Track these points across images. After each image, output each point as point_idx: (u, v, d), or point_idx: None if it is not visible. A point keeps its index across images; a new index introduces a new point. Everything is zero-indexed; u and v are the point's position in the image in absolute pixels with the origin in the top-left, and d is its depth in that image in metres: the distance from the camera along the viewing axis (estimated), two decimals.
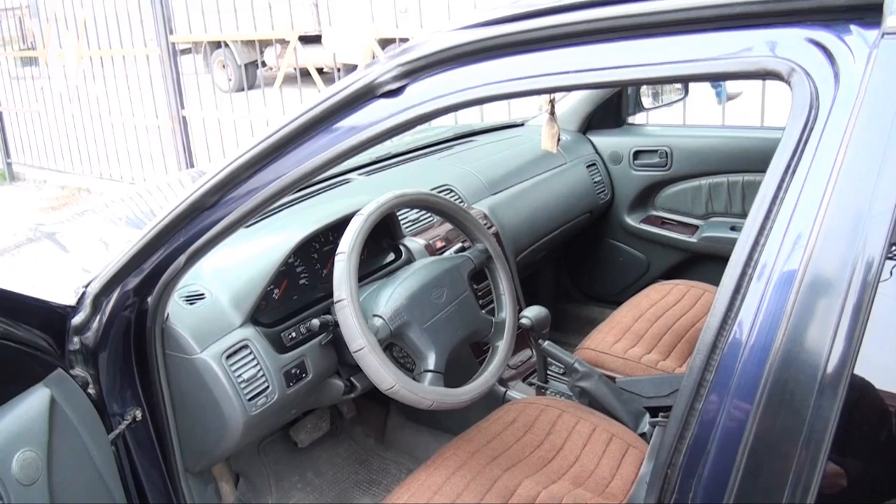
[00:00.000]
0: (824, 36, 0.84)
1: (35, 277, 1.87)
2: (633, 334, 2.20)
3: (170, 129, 6.33)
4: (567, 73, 1.01)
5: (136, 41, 6.34)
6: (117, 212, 2.30)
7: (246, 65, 9.93)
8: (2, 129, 8.28)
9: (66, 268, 1.90)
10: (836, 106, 0.81)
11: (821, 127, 0.82)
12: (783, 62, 0.85)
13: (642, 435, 1.79)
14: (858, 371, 0.76)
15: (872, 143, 0.77)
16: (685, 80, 2.19)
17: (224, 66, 11.11)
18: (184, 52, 7.14)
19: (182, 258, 1.40)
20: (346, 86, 1.16)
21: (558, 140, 1.83)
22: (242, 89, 6.16)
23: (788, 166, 0.83)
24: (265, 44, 7.25)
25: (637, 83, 1.77)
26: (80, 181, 7.46)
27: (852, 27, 0.82)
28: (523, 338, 2.27)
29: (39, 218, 5.46)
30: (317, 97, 1.20)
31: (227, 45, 9.50)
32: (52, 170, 7.83)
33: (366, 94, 1.16)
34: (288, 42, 5.49)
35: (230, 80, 10.74)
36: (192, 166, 6.25)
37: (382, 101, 1.15)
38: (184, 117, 6.24)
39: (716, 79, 0.92)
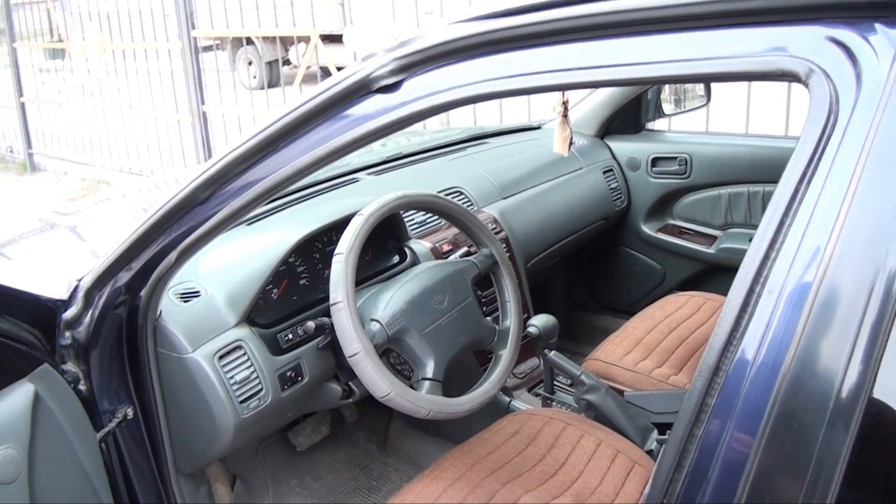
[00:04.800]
0: (846, 35, 0.77)
1: (41, 267, 1.84)
2: (645, 346, 2.13)
3: (190, 125, 6.34)
4: (573, 69, 0.95)
5: (158, 35, 6.35)
6: (134, 203, 2.27)
7: (269, 62, 9.94)
8: (24, 120, 8.32)
9: (77, 258, 1.87)
10: (857, 110, 0.75)
11: (840, 132, 0.76)
12: (801, 62, 0.79)
13: (649, 452, 1.73)
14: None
15: None
16: (698, 80, 2.12)
17: (249, 64, 11.14)
18: (207, 48, 7.16)
19: (173, 254, 1.36)
20: (342, 80, 1.11)
21: (570, 143, 1.77)
22: (264, 87, 6.15)
23: (804, 174, 0.77)
24: (290, 42, 7.25)
25: (647, 82, 1.71)
26: (100, 174, 7.50)
27: (877, 26, 0.76)
28: (531, 346, 2.22)
29: (57, 207, 5.50)
30: (311, 92, 1.15)
31: (252, 42, 9.52)
32: (72, 161, 7.87)
33: (361, 89, 1.11)
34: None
35: (254, 77, 10.76)
36: None
37: (379, 96, 1.10)
38: (204, 113, 6.24)
39: (729, 79, 0.86)
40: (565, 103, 1.75)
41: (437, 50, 1.03)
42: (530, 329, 1.87)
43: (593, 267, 3.13)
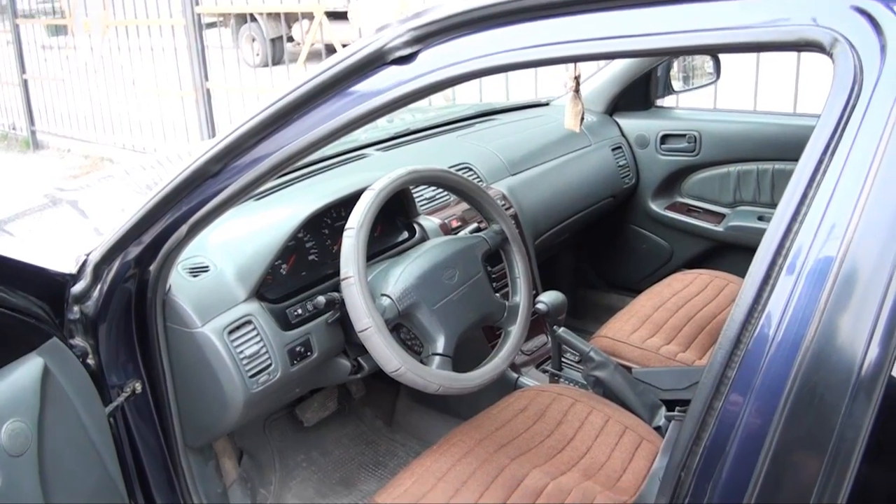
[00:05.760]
0: (871, 4, 0.76)
1: (45, 243, 1.83)
2: (653, 324, 2.13)
3: (193, 101, 6.31)
4: (589, 40, 0.93)
5: (161, 12, 6.31)
6: (137, 179, 2.26)
7: (272, 40, 9.86)
8: (27, 98, 8.27)
9: (80, 234, 1.86)
10: (881, 81, 0.74)
11: (864, 104, 0.74)
12: (825, 32, 0.77)
13: (657, 428, 1.73)
14: None
15: None
16: (716, 51, 2.08)
17: (253, 41, 11.05)
18: (210, 25, 7.11)
19: (184, 228, 1.35)
20: (356, 51, 1.10)
21: (582, 119, 1.76)
22: (268, 64, 6.12)
23: (827, 147, 0.76)
24: (293, 18, 7.20)
25: (666, 52, 1.68)
26: (104, 151, 7.46)
27: None
28: (539, 323, 2.21)
29: (60, 184, 5.48)
30: (325, 63, 1.14)
31: (254, 19, 9.46)
32: (75, 139, 7.83)
33: (376, 61, 1.09)
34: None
35: (257, 55, 10.67)
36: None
37: (393, 68, 1.08)
38: (207, 90, 6.21)
39: (749, 50, 0.84)
40: (577, 78, 1.74)
41: (453, 20, 1.02)
42: (539, 306, 1.86)
43: (601, 245, 3.12)
